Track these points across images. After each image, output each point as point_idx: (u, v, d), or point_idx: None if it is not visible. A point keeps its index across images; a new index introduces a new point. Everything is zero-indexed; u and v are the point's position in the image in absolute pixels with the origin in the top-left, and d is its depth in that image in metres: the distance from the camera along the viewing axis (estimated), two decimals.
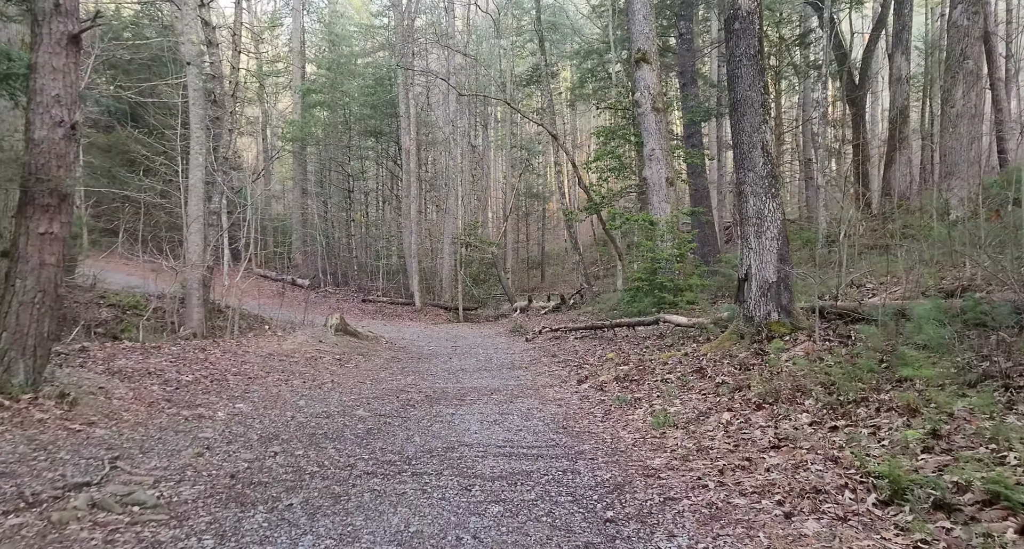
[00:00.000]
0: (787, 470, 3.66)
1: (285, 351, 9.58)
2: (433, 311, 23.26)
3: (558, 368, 9.17)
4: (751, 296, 7.08)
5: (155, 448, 4.28)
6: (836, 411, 4.44)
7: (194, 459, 4.06)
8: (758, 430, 4.54)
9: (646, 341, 10.10)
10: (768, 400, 5.05)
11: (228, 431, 4.93)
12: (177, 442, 4.47)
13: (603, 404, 6.34)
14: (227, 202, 16.75)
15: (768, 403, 5.02)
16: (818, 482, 3.39)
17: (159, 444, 4.38)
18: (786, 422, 4.54)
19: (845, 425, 4.16)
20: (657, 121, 14.03)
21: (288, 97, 37.27)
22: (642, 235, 13.75)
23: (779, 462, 3.82)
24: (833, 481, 3.37)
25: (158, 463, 3.96)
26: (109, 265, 20.89)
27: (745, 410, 5.05)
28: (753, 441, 4.35)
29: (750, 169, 7.10)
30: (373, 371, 9.03)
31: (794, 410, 4.71)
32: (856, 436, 3.88)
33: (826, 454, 3.77)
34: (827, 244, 13.50)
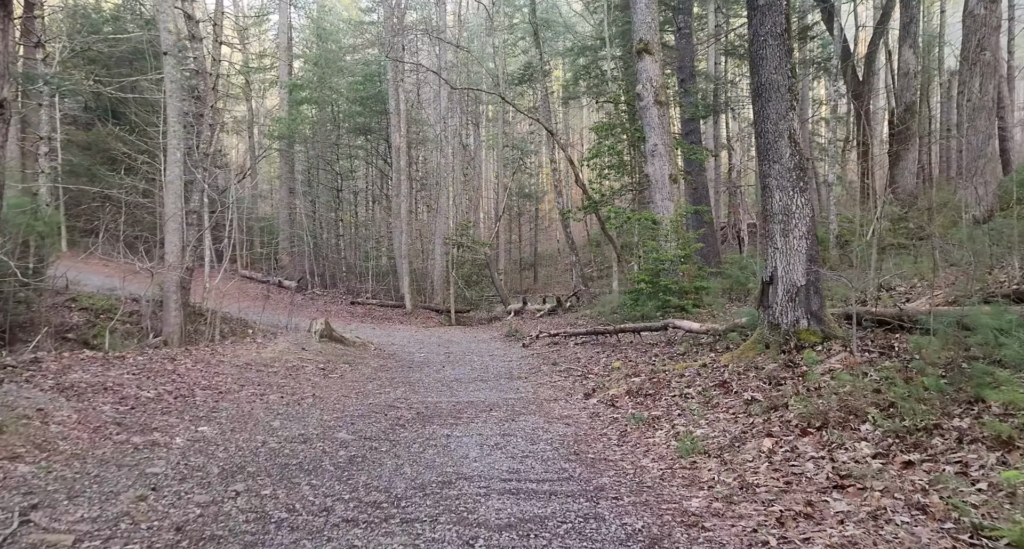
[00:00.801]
0: (864, 521, 2.97)
1: (264, 360, 8.83)
2: (424, 314, 22.50)
3: (560, 378, 8.47)
4: (777, 301, 6.40)
5: (88, 490, 3.54)
6: (903, 441, 3.76)
7: (134, 505, 3.32)
8: (810, 462, 3.85)
9: (654, 348, 9.41)
10: (813, 423, 4.36)
11: (184, 463, 4.18)
12: (118, 480, 3.73)
13: (617, 423, 5.64)
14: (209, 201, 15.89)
15: (814, 427, 4.33)
16: (912, 542, 2.69)
17: (94, 484, 3.64)
18: (842, 452, 3.85)
19: (921, 460, 3.48)
20: (660, 115, 13.37)
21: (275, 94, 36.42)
22: (644, 235, 13.09)
23: (850, 509, 3.13)
24: (932, 541, 2.68)
25: (87, 512, 3.22)
26: (88, 266, 20.02)
27: (788, 435, 4.35)
28: (807, 477, 3.65)
29: (775, 161, 6.42)
30: (360, 382, 8.29)
31: (849, 437, 4.02)
32: (942, 477, 3.20)
33: (909, 499, 3.09)
34: (839, 245, 12.87)
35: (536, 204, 41.79)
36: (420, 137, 31.16)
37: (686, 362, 7.30)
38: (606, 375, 8.21)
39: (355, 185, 33.38)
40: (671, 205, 13.29)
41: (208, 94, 15.35)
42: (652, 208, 13.54)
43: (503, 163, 35.91)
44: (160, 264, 14.58)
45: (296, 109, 29.06)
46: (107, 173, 22.23)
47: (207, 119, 15.00)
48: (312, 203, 30.95)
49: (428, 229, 30.56)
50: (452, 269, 22.65)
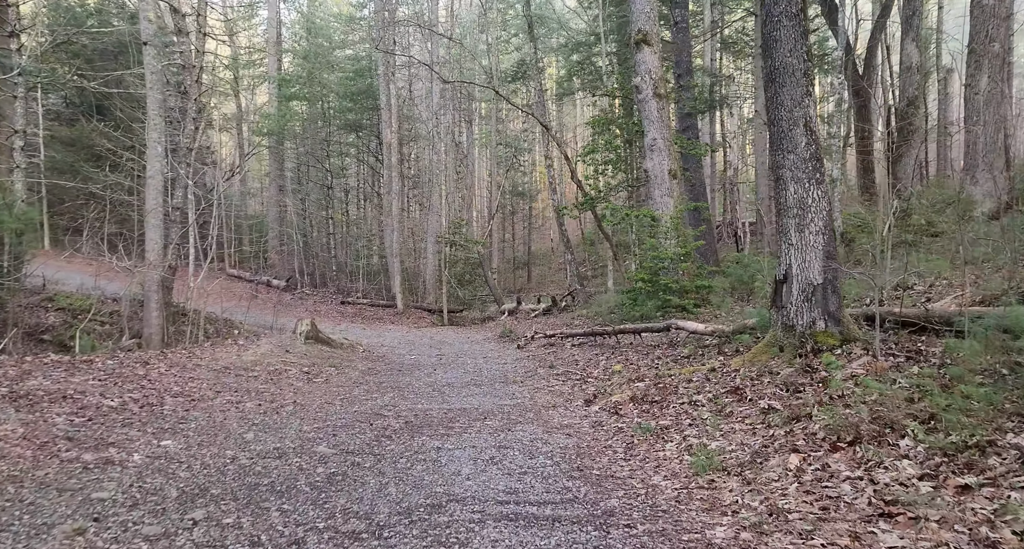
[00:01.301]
0: None
1: (244, 364, 8.33)
2: (416, 314, 22.02)
3: (558, 382, 8.02)
4: (792, 301, 5.97)
5: (16, 523, 3.05)
6: (953, 460, 3.32)
7: (68, 541, 2.84)
8: (846, 483, 3.41)
9: (656, 350, 8.97)
10: (844, 437, 3.92)
11: (138, 485, 3.70)
12: (56, 509, 3.25)
13: (622, 434, 5.19)
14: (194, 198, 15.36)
15: (845, 441, 3.89)
16: None
17: (26, 514, 3.16)
18: (883, 472, 3.42)
19: (979, 484, 3.04)
20: (659, 108, 12.94)
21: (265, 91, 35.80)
22: (643, 232, 12.66)
23: (904, 543, 2.69)
24: None
25: None
26: (71, 265, 19.46)
27: (816, 451, 3.91)
28: (846, 501, 3.21)
29: (790, 151, 5.99)
30: (346, 387, 7.81)
31: (887, 454, 3.58)
32: (1010, 506, 2.76)
33: (974, 534, 2.65)
34: (845, 243, 12.47)
35: (530, 202, 41.36)
36: (412, 134, 30.64)
37: (693, 366, 6.86)
38: (607, 379, 7.77)
39: (346, 183, 32.83)
40: (671, 201, 12.87)
41: (192, 87, 14.82)
42: (651, 205, 13.11)
43: (496, 161, 35.45)
44: (141, 262, 14.07)
45: (285, 105, 28.49)
46: (91, 170, 21.68)
47: (191, 113, 14.48)
48: (302, 201, 30.40)
49: (420, 228, 30.06)
50: (445, 268, 22.17)
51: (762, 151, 16.07)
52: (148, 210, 13.69)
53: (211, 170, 31.85)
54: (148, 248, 13.42)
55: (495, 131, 35.87)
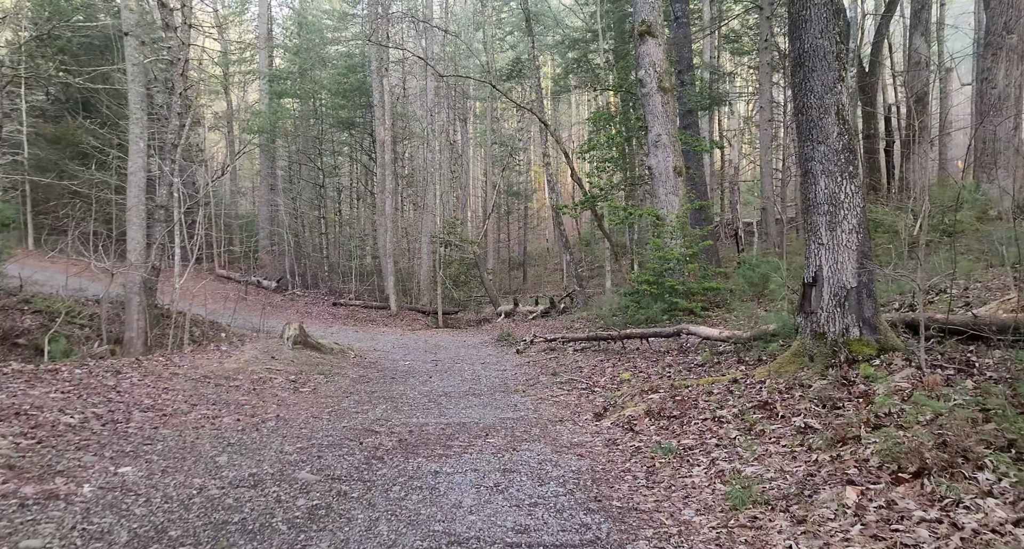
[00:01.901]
0: None
1: (226, 372, 7.76)
2: (410, 315, 21.44)
3: (563, 392, 7.48)
4: (822, 306, 5.45)
5: None
6: None
7: None
8: (922, 526, 2.88)
9: (665, 357, 8.45)
10: (906, 467, 3.40)
11: (83, 527, 3.15)
12: None
13: (641, 455, 4.65)
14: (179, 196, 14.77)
15: (907, 472, 3.37)
16: None
17: None
18: (963, 513, 2.89)
19: None
20: (664, 102, 12.43)
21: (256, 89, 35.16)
22: (648, 232, 12.14)
23: None
24: None
25: None
26: (54, 265, 18.84)
27: (874, 482, 3.39)
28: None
29: (820, 141, 5.47)
30: (335, 398, 7.25)
31: (965, 491, 3.06)
32: None
33: None
34: None
35: (525, 202, 40.83)
36: (406, 132, 30.07)
37: (712, 376, 6.33)
38: (615, 389, 7.24)
39: (339, 182, 32.22)
40: (676, 200, 12.37)
41: (177, 81, 14.22)
42: (654, 203, 12.60)
43: (492, 160, 34.92)
44: (123, 263, 13.49)
45: (276, 102, 27.87)
46: (76, 168, 21.07)
47: (176, 108, 13.90)
48: (293, 200, 29.76)
49: (414, 227, 29.49)
50: (439, 269, 21.61)
51: (767, 148, 15.60)
52: (130, 208, 13.12)
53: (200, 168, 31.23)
54: (130, 248, 12.84)
55: (490, 130, 35.32)
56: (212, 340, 14.07)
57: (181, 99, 14.09)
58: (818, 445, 4.04)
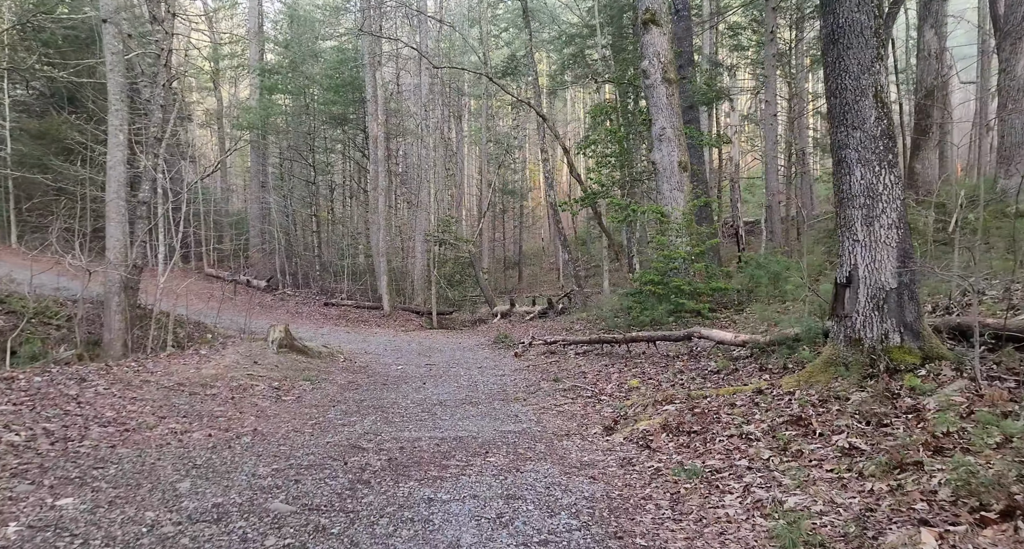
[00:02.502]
0: None
1: (203, 378, 7.19)
2: (404, 316, 20.86)
3: (567, 401, 6.94)
4: (858, 309, 4.93)
5: None
6: None
7: None
8: None
9: (675, 362, 7.92)
10: (990, 504, 2.87)
11: None
12: None
13: (662, 478, 4.11)
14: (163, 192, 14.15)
15: (994, 511, 2.83)
16: None
17: None
18: None
19: None
20: (668, 94, 11.90)
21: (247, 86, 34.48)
22: (647, 230, 11.62)
23: None
24: None
25: None
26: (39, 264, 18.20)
27: (953, 522, 2.85)
28: None
29: (856, 126, 4.94)
30: (320, 408, 6.68)
31: None
32: None
33: None
34: None
35: (520, 201, 40.30)
36: (400, 129, 29.46)
37: (732, 385, 5.80)
38: (624, 397, 6.70)
39: (332, 180, 31.59)
40: (681, 196, 11.85)
41: (160, 72, 13.63)
42: (659, 200, 12.09)
43: (487, 158, 34.38)
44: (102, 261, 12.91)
45: (267, 97, 27.21)
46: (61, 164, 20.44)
47: (159, 100, 13.30)
48: (284, 198, 29.09)
49: (408, 226, 28.87)
50: (434, 268, 21.04)
51: (773, 144, 15.09)
52: (109, 203, 12.52)
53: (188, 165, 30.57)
54: (109, 245, 12.24)
55: (485, 128, 34.79)
56: (197, 341, 13.49)
57: (165, 91, 13.50)
58: (871, 471, 3.50)
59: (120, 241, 12.46)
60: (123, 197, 12.84)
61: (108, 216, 12.53)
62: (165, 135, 13.55)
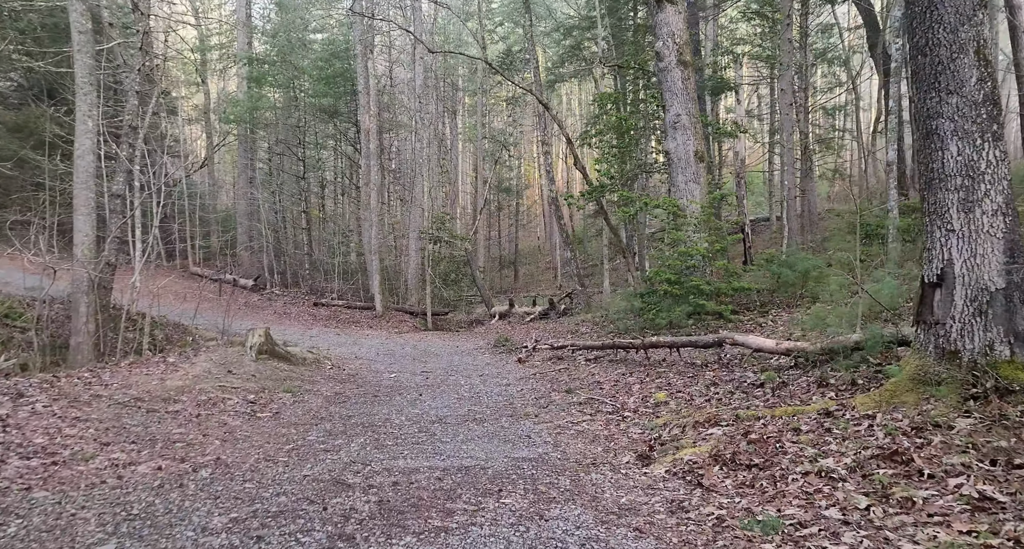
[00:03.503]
0: None
1: (167, 391, 6.24)
2: (397, 317, 19.90)
3: (585, 417, 6.03)
4: (954, 314, 4.04)
5: None
6: None
7: None
8: None
9: (704, 372, 7.02)
10: None
11: None
12: None
13: (729, 532, 3.20)
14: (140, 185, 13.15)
15: None
16: None
17: None
18: None
19: None
20: (683, 78, 11.01)
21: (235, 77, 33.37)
22: (666, 225, 10.75)
23: None
24: None
25: None
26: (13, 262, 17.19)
27: None
28: None
29: (952, 90, 4.04)
30: (300, 427, 5.75)
31: None
32: None
33: None
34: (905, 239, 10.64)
35: (516, 198, 39.39)
36: (393, 123, 28.50)
37: (787, 404, 4.90)
38: (652, 414, 5.80)
39: (323, 176, 30.57)
40: (697, 188, 10.97)
41: (135, 56, 12.65)
42: (673, 192, 11.20)
43: (482, 155, 33.45)
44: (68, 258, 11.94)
45: (255, 88, 26.15)
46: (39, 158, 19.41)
47: (134, 86, 12.33)
48: (273, 194, 28.04)
49: (401, 223, 27.89)
50: (428, 266, 20.09)
51: (789, 135, 14.24)
52: (77, 196, 11.52)
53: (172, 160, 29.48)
54: (77, 241, 11.25)
55: (481, 124, 33.87)
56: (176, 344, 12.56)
57: (140, 76, 12.52)
58: None
59: (89, 236, 11.46)
60: (92, 189, 11.83)
61: (76, 209, 11.54)
62: (143, 125, 12.57)
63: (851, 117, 25.24)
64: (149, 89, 13.38)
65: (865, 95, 27.11)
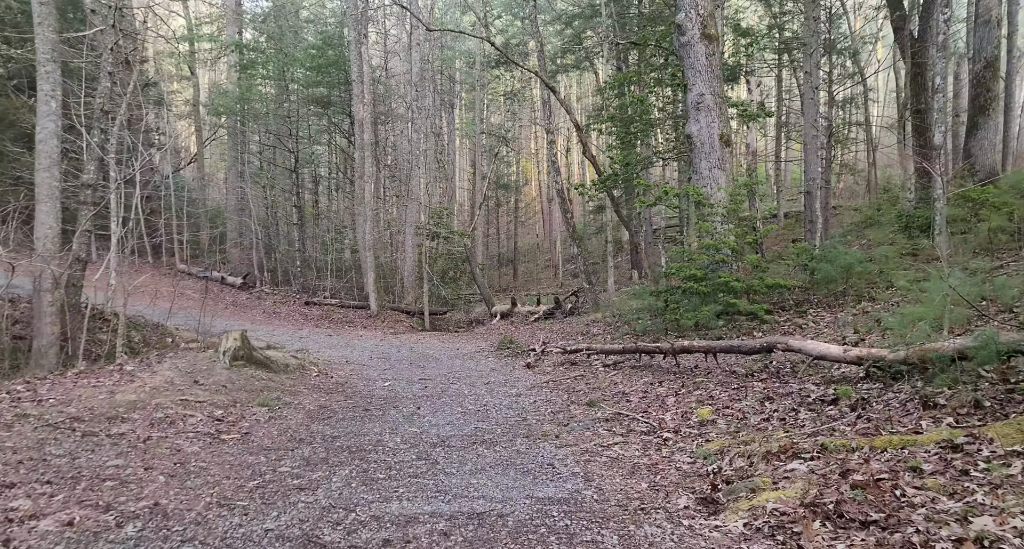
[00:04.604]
0: None
1: (114, 408, 5.20)
2: (392, 316, 18.85)
3: (616, 438, 5.01)
4: None
5: None
6: None
7: None
8: None
9: (751, 382, 5.99)
10: None
11: None
12: None
13: None
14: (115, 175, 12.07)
15: None
16: None
17: None
18: None
19: None
20: (708, 53, 10.00)
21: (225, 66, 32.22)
22: (694, 215, 9.73)
23: None
24: None
25: None
26: None
27: None
28: None
29: None
30: (272, 453, 4.71)
31: None
32: None
33: None
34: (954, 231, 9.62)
35: (516, 194, 38.37)
36: (389, 115, 27.43)
37: (888, 433, 3.87)
38: (698, 436, 4.79)
39: (317, 172, 29.48)
40: (722, 175, 9.96)
41: (107, 33, 11.60)
42: (695, 180, 10.19)
43: (481, 150, 32.45)
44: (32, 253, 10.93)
45: (246, 76, 25.03)
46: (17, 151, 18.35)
47: (106, 66, 11.28)
48: (264, 188, 26.92)
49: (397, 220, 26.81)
50: (426, 264, 19.04)
51: (813, 121, 13.23)
52: (39, 184, 10.45)
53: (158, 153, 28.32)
54: (39, 234, 10.18)
55: (479, 119, 32.87)
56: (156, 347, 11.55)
57: (113, 55, 11.46)
58: None
59: (53, 229, 10.39)
60: (57, 177, 10.77)
61: (38, 199, 10.46)
62: (122, 112, 11.53)
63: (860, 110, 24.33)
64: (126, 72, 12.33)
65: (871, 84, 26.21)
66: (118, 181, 11.31)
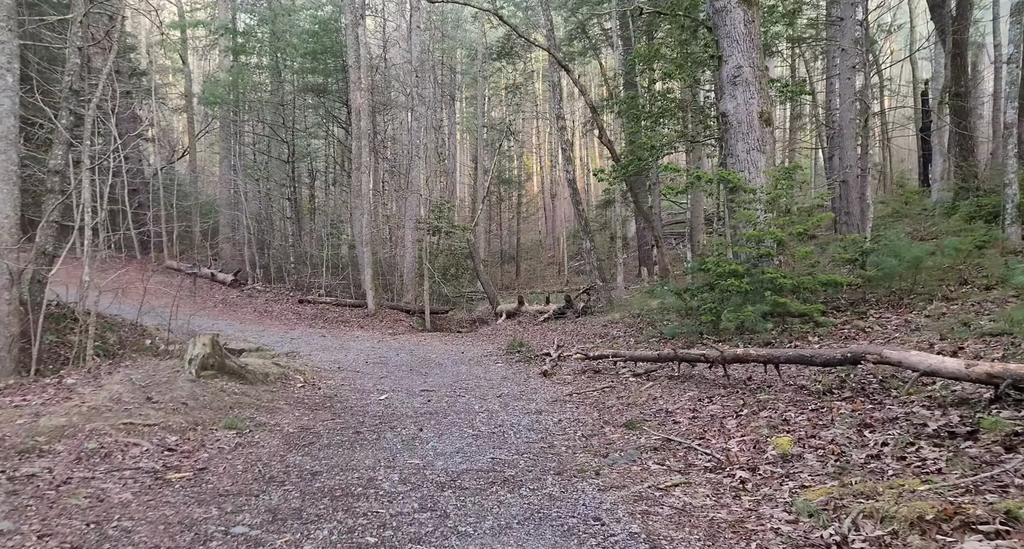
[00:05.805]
0: None
1: (35, 435, 4.07)
2: (391, 315, 17.70)
3: (675, 476, 3.88)
4: None
5: None
6: None
7: None
8: None
9: (833, 401, 4.85)
10: None
11: None
12: None
13: None
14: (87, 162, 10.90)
15: None
16: None
17: None
18: None
19: None
20: (747, 20, 8.86)
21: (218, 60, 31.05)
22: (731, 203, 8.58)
23: None
24: None
25: None
26: None
27: None
28: None
29: None
30: (228, 503, 3.58)
31: None
32: None
33: None
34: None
35: (517, 190, 37.24)
36: (388, 103, 26.25)
37: None
38: (783, 476, 3.66)
39: (312, 166, 28.31)
40: (762, 159, 8.83)
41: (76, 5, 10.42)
42: (731, 163, 9.05)
43: (482, 144, 31.33)
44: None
45: (238, 62, 23.85)
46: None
47: (75, 41, 10.13)
48: (257, 182, 25.73)
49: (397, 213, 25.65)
50: (426, 260, 17.90)
51: (849, 103, 12.10)
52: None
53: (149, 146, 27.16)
54: None
55: (481, 112, 31.75)
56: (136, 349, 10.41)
57: (82, 29, 10.30)
58: None
59: (10, 218, 9.19)
60: (14, 160, 9.57)
61: None
62: (96, 93, 10.31)
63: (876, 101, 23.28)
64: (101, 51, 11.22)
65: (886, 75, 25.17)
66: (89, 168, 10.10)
